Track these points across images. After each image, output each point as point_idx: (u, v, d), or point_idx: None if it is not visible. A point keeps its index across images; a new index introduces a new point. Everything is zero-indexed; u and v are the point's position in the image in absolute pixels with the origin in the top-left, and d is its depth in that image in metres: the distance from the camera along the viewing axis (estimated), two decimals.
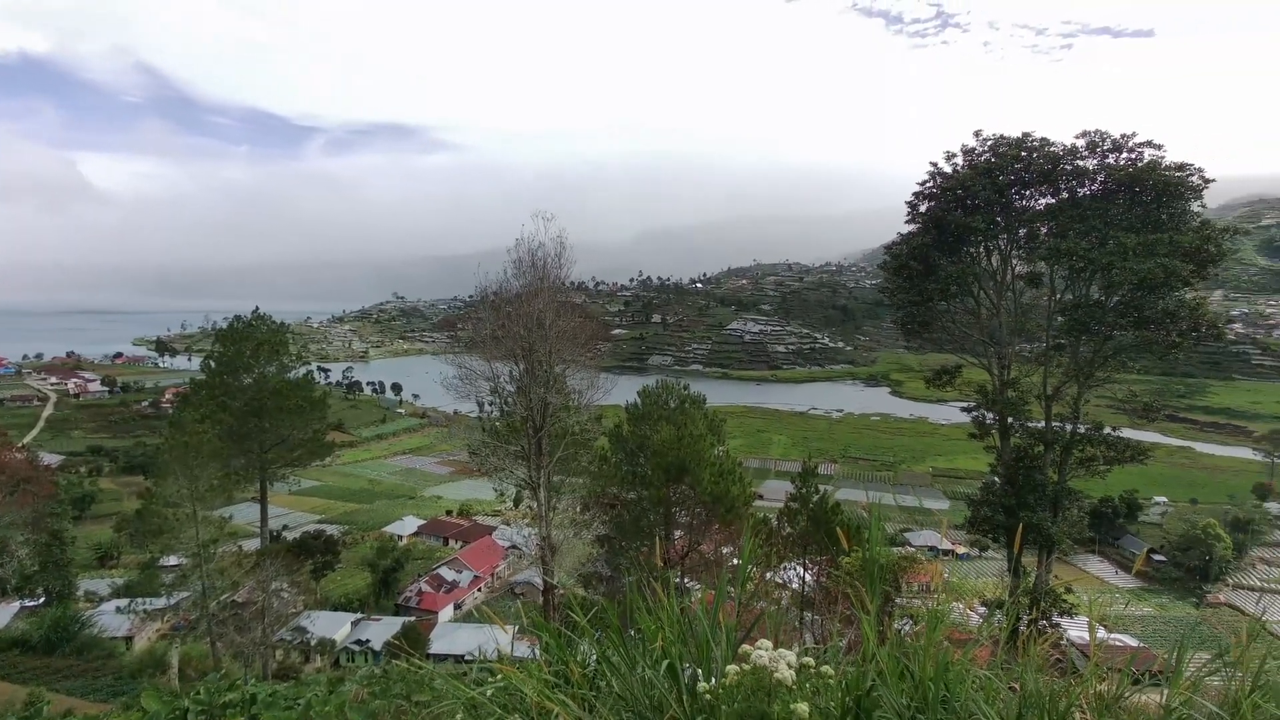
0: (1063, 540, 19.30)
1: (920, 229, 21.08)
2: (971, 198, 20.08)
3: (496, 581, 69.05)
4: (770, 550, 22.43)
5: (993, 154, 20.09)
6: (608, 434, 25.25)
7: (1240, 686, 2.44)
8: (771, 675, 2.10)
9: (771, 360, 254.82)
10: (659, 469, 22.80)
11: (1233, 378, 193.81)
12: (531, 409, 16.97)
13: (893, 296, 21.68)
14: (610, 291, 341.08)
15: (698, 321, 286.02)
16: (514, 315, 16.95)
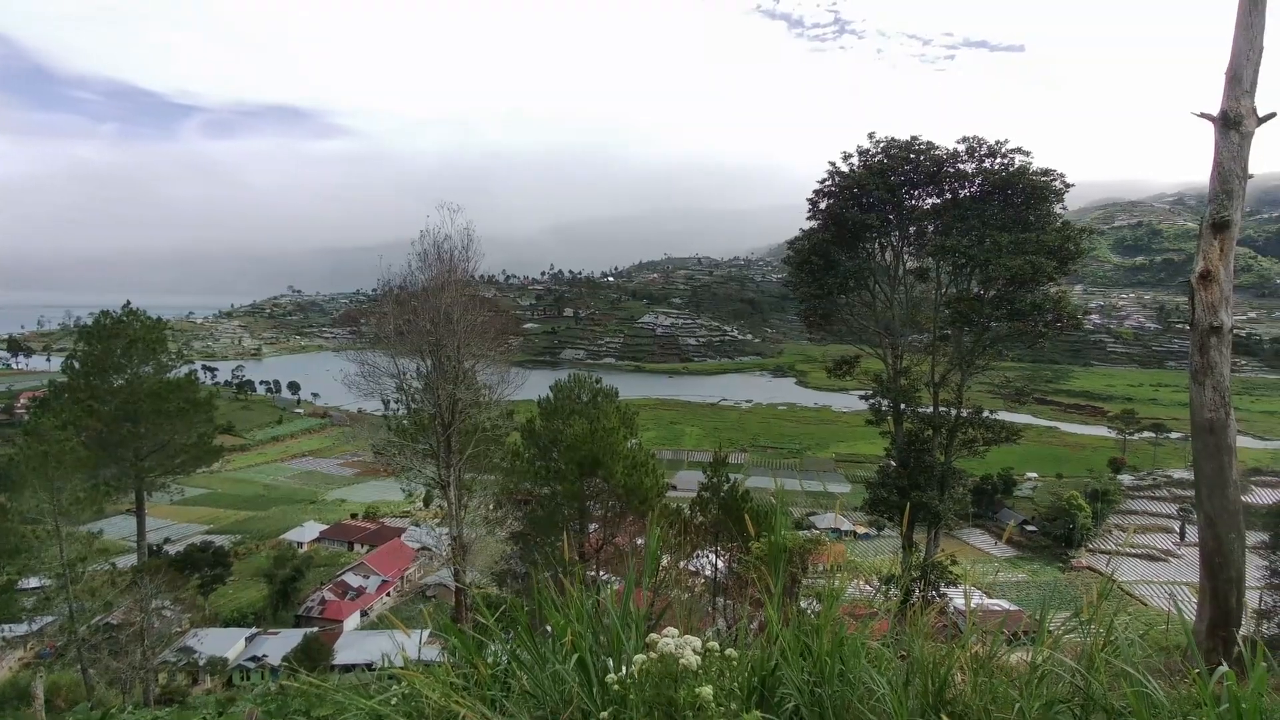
0: (949, 516, 20.88)
1: (821, 225, 22.09)
2: (867, 196, 21.28)
3: (406, 585, 66.71)
4: (683, 539, 22.87)
5: (885, 155, 21.35)
6: (520, 429, 24.92)
7: (1094, 641, 2.74)
8: (678, 662, 2.16)
9: (683, 353, 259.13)
10: (572, 463, 22.72)
11: (1091, 363, 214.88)
12: (440, 406, 16.48)
13: (796, 290, 22.64)
14: (522, 285, 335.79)
15: (610, 315, 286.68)
16: (420, 309, 16.38)
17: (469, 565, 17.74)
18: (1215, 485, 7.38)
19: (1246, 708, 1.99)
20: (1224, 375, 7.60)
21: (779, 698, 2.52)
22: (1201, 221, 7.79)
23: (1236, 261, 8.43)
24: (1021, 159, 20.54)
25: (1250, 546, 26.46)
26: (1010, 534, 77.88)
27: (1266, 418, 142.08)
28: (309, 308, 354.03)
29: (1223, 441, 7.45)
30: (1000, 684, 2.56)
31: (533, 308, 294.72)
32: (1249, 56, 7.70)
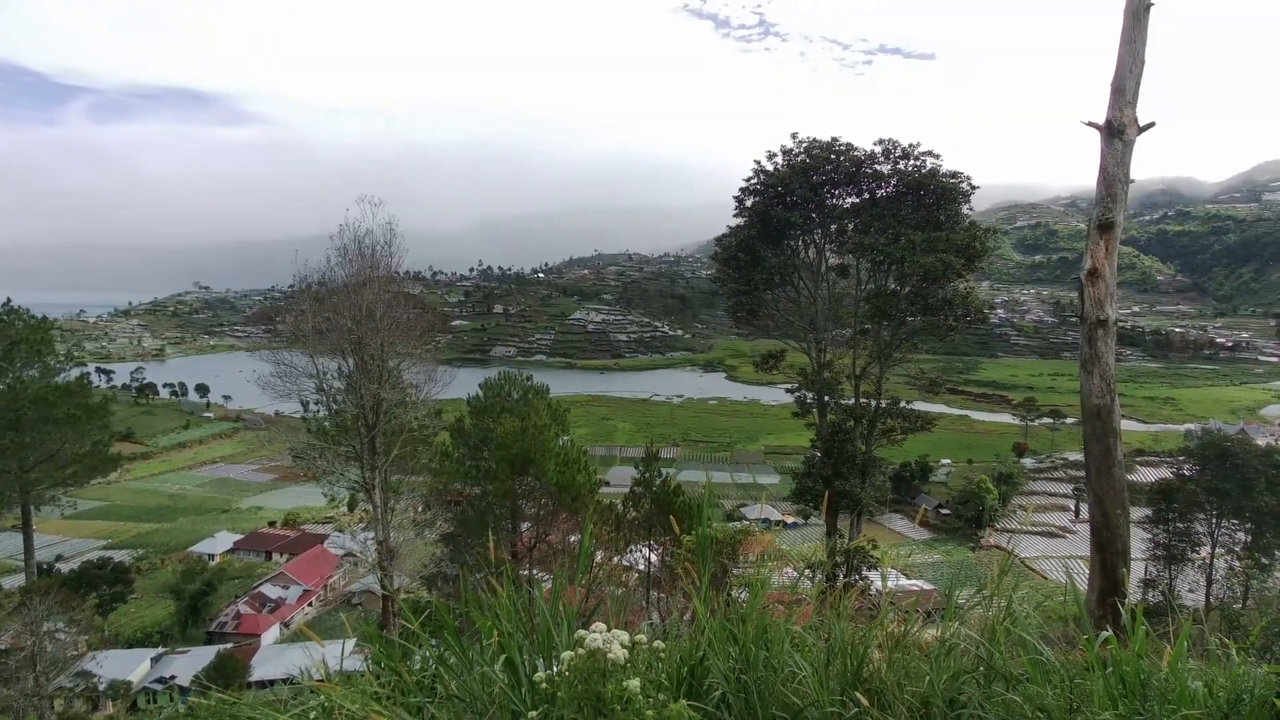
0: (870, 503, 21.85)
1: (747, 223, 22.61)
2: (790, 194, 21.94)
3: (330, 594, 64.03)
4: (617, 535, 22.94)
5: (807, 155, 22.07)
6: (449, 428, 24.40)
7: (995, 615, 2.92)
8: (605, 656, 2.17)
9: (614, 349, 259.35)
10: (503, 461, 22.40)
11: (997, 355, 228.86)
12: (363, 406, 15.88)
13: (723, 286, 23.12)
14: (450, 282, 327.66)
15: (541, 312, 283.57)
16: (341, 307, 15.72)
17: (397, 570, 17.21)
18: (1103, 466, 8.00)
19: (1127, 669, 2.19)
20: (1110, 365, 8.25)
21: (707, 686, 2.57)
22: (1089, 223, 8.44)
23: (1121, 260, 9.16)
24: (932, 161, 21.67)
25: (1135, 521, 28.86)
26: (923, 516, 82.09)
27: (1149, 403, 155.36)
28: (218, 305, 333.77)
29: (1109, 425, 8.09)
30: (912, 659, 2.69)
31: (461, 305, 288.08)
32: (1131, 70, 8.36)
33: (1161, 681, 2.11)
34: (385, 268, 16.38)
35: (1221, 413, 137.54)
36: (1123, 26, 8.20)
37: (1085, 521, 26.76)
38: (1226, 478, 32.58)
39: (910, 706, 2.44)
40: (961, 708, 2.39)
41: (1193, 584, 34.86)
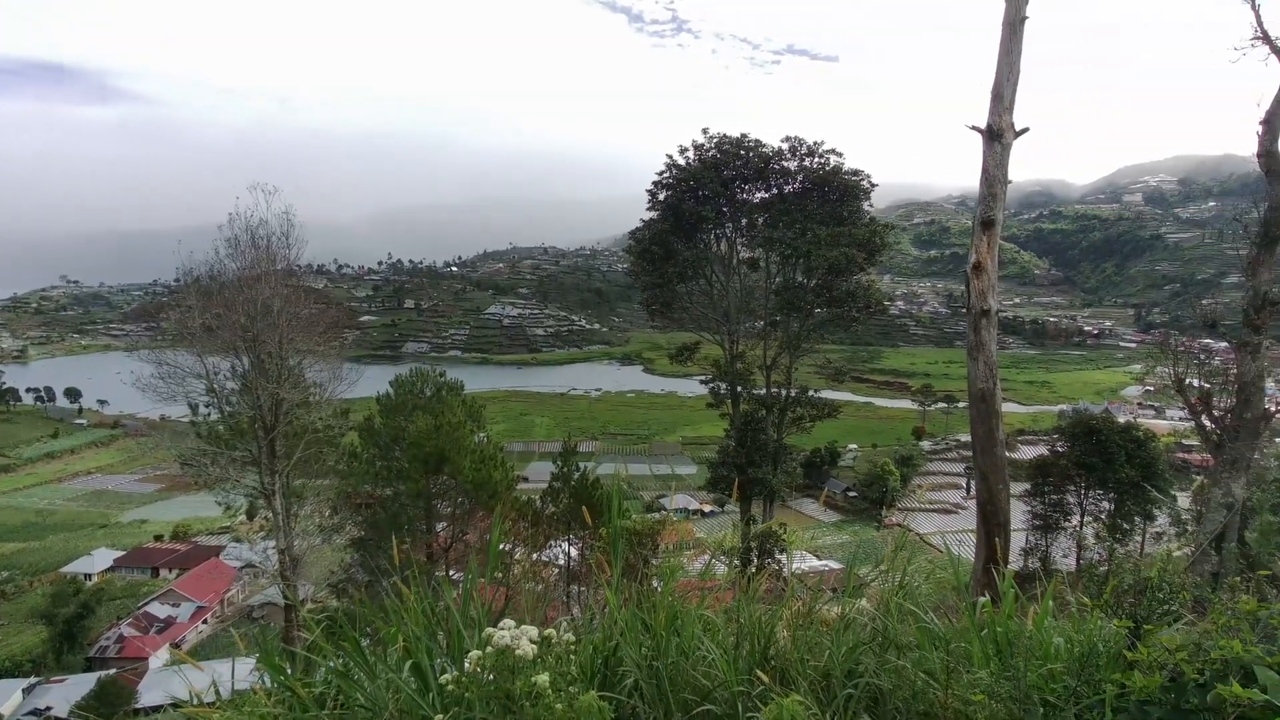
0: (781, 489, 22.69)
1: (660, 216, 22.87)
2: (702, 188, 22.36)
3: (229, 608, 60.04)
4: (535, 531, 22.74)
5: (718, 150, 22.56)
6: (357, 428, 23.40)
7: (888, 589, 3.10)
8: (513, 653, 2.15)
9: (531, 343, 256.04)
10: (416, 460, 21.72)
11: (897, 344, 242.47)
12: (260, 407, 14.94)
13: (638, 279, 23.31)
14: (356, 275, 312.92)
15: (454, 306, 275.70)
16: (234, 302, 14.71)
17: (302, 579, 16.36)
18: (987, 445, 8.65)
19: (1000, 630, 2.39)
20: (992, 352, 8.91)
21: (620, 676, 2.59)
22: (974, 220, 9.06)
23: (1002, 255, 9.90)
24: (835, 159, 22.66)
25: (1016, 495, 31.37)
26: (826, 498, 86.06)
27: (1028, 386, 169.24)
28: (90, 301, 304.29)
29: (992, 408, 8.75)
30: (816, 635, 2.82)
31: (370, 299, 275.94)
32: (1008, 78, 9.03)
33: (1027, 639, 2.31)
34: (283, 260, 15.46)
35: (1089, 394, 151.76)
36: (1000, 38, 8.85)
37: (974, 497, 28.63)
38: (1093, 453, 35.85)
39: (812, 680, 2.54)
40: (859, 677, 2.51)
41: (1066, 550, 38.24)
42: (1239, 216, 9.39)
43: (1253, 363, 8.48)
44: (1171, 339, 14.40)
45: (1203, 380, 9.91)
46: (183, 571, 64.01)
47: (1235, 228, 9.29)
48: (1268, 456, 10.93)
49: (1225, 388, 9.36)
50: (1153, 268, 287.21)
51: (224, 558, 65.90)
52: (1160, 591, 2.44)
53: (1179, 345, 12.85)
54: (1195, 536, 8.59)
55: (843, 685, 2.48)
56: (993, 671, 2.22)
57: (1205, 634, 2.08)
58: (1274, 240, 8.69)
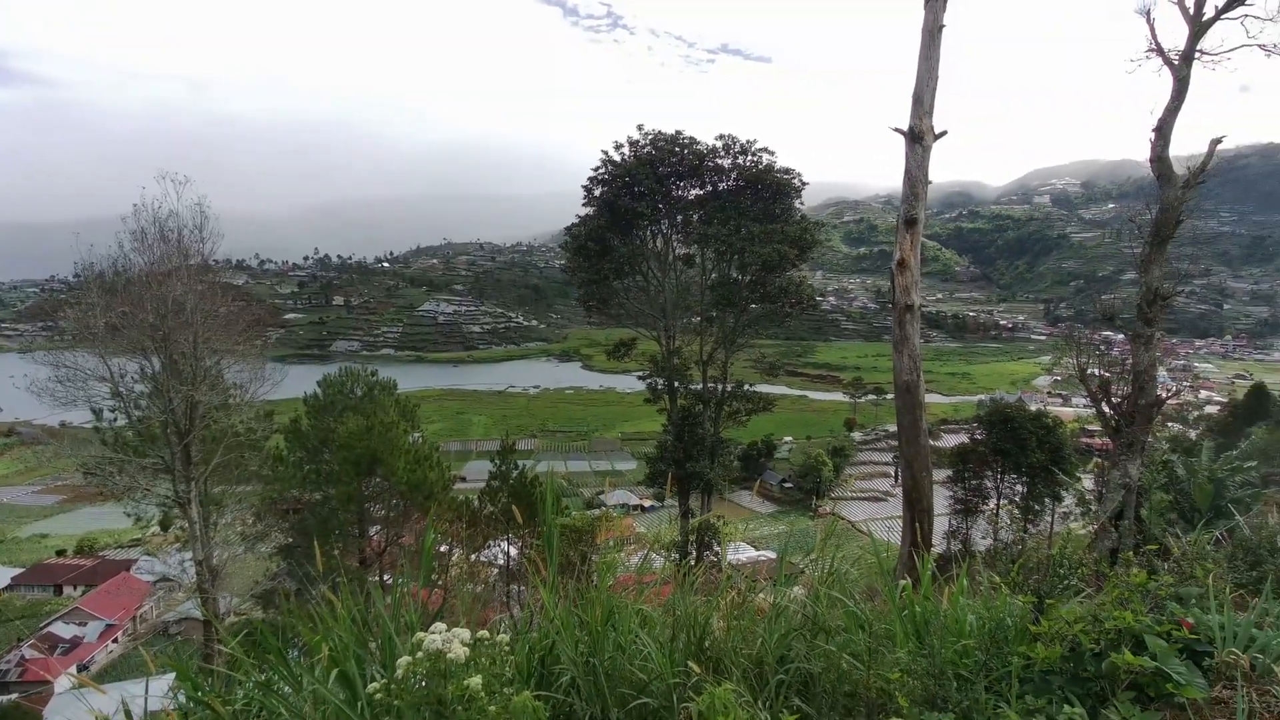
0: (719, 482, 23.09)
1: (596, 212, 22.82)
2: (637, 185, 22.43)
3: (142, 626, 56.44)
4: (473, 531, 22.34)
5: (653, 147, 22.67)
6: (283, 431, 22.43)
7: (817, 576, 3.20)
8: (444, 657, 2.11)
9: (467, 341, 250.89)
10: (347, 463, 20.98)
11: (829, 339, 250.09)
12: (173, 411, 14.08)
13: (574, 275, 23.20)
14: (280, 271, 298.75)
15: (386, 303, 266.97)
16: (141, 299, 13.79)
17: (222, 591, 15.54)
18: (911, 434, 9.06)
19: (918, 611, 2.51)
20: (916, 345, 9.33)
21: (557, 674, 2.58)
22: (898, 219, 9.44)
23: (925, 253, 10.34)
24: (768, 158, 23.16)
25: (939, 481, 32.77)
26: (759, 489, 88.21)
27: (950, 378, 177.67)
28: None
29: (916, 399, 9.16)
30: (750, 624, 2.88)
31: (295, 296, 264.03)
32: (928, 83, 9.43)
33: (943, 618, 2.44)
34: (197, 254, 14.60)
35: (1005, 384, 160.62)
36: (920, 45, 9.24)
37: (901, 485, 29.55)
38: (1007, 439, 38.11)
39: (745, 668, 2.59)
40: (790, 663, 2.58)
41: (985, 532, 40.48)
42: (1134, 218, 10.11)
43: (1145, 352, 9.16)
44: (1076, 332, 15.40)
45: (1103, 369, 10.63)
46: (89, 588, 59.66)
47: (1131, 228, 10.00)
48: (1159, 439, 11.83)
49: (1122, 376, 10.05)
50: (1060, 265, 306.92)
51: (135, 572, 61.86)
52: (1060, 568, 2.62)
53: (1082, 337, 13.76)
54: (1096, 515, 9.24)
55: (774, 671, 2.54)
56: (910, 651, 2.33)
57: (1101, 606, 2.24)
58: (1164, 239, 9.41)
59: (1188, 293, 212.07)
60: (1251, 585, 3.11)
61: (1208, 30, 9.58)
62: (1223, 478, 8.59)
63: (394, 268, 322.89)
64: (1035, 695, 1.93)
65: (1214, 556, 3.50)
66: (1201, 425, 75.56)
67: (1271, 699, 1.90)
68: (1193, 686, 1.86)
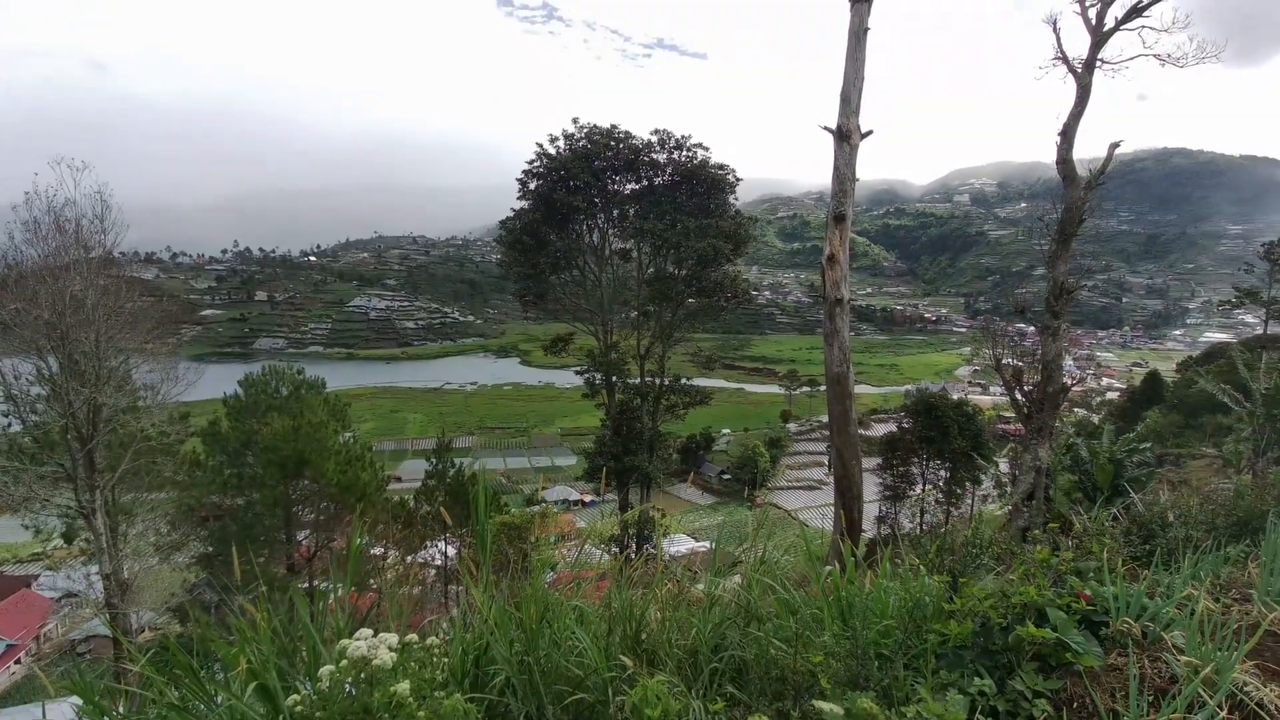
0: (658, 475, 23.29)
1: (531, 206, 22.54)
2: (573, 178, 22.27)
3: (46, 645, 52.48)
4: (409, 532, 21.81)
5: (588, 141, 22.55)
6: (200, 434, 21.27)
7: (750, 564, 3.27)
8: (370, 664, 2.04)
9: (401, 337, 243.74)
10: (273, 465, 20.09)
11: (765, 332, 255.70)
12: (74, 415, 13.11)
13: (509, 270, 22.87)
14: (196, 265, 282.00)
15: (314, 299, 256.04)
16: (35, 295, 12.76)
17: (134, 606, 14.63)
18: (841, 424, 9.36)
19: (844, 593, 2.60)
20: (846, 338, 9.63)
21: (492, 674, 2.55)
22: (827, 215, 9.71)
23: (854, 248, 10.70)
24: (703, 153, 23.41)
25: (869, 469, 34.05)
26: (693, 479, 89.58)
27: (880, 369, 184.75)
28: None
29: (846, 389, 9.46)
30: (685, 615, 2.91)
31: (213, 291, 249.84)
32: (854, 83, 9.71)
33: (866, 600, 2.54)
34: (98, 247, 13.61)
35: (930, 374, 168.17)
36: (847, 46, 9.50)
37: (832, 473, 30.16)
38: (932, 427, 40.08)
39: (679, 659, 2.62)
40: (724, 650, 2.62)
41: (912, 516, 42.44)
42: (1042, 216, 10.73)
43: (1053, 343, 9.76)
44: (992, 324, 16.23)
45: (1016, 359, 11.25)
46: None
47: (1040, 226, 10.60)
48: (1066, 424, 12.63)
49: (1033, 365, 10.67)
50: (978, 261, 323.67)
51: (37, 588, 57.44)
52: (973, 548, 2.76)
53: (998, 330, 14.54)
54: (1010, 497, 9.79)
55: (709, 660, 2.58)
56: (835, 634, 2.41)
57: (1009, 583, 2.38)
58: (1069, 237, 10.03)
59: (1090, 287, 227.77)
60: (1144, 558, 3.36)
61: (1108, 40, 10.24)
62: (1121, 458, 9.26)
63: (322, 261, 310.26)
64: (949, 670, 2.03)
65: (1111, 532, 3.77)
66: (1104, 410, 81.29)
67: (1161, 664, 2.06)
68: (1090, 655, 1.99)
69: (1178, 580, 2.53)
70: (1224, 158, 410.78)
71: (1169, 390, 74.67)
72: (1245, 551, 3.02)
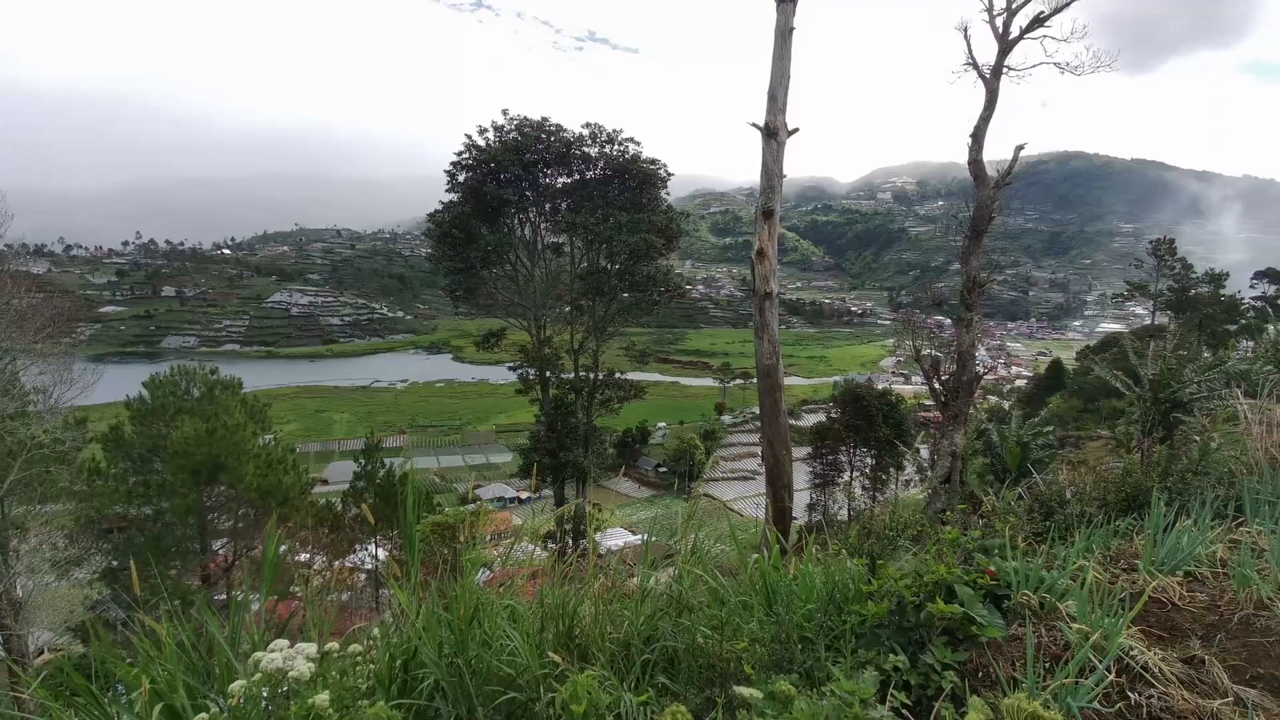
0: (593, 470, 23.30)
1: (461, 198, 22.03)
2: (503, 171, 21.90)
3: None
4: (337, 536, 21.07)
5: (519, 133, 22.20)
6: (100, 440, 19.84)
7: (681, 555, 3.31)
8: (286, 675, 1.96)
9: (326, 334, 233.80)
10: (183, 472, 18.93)
11: (699, 326, 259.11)
12: None
13: (439, 264, 22.32)
14: (93, 258, 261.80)
15: (229, 294, 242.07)
16: None
17: (30, 626, 13.54)
18: (771, 415, 9.61)
19: (769, 578, 2.68)
20: (775, 331, 9.89)
21: (421, 678, 2.50)
22: (756, 210, 9.91)
23: (783, 243, 10.98)
24: (634, 148, 23.44)
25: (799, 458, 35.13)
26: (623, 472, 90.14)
27: (809, 361, 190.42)
28: None
29: (775, 381, 9.72)
30: (618, 609, 2.92)
31: (114, 286, 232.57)
32: (781, 82, 9.95)
33: (789, 585, 2.62)
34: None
35: (856, 366, 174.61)
36: (773, 46, 9.71)
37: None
38: (858, 416, 41.71)
39: (612, 652, 2.63)
40: (656, 642, 2.65)
41: (841, 502, 44.07)
42: (956, 214, 11.29)
43: (967, 334, 10.31)
44: (913, 317, 17.02)
45: (934, 350, 11.83)
46: None
47: (955, 223, 11.17)
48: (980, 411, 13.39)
49: (950, 356, 11.24)
50: (900, 256, 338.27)
51: None
52: (891, 531, 2.89)
53: (918, 322, 15.28)
54: (930, 481, 10.30)
55: (641, 651, 2.60)
56: (760, 620, 2.48)
57: (924, 562, 2.50)
58: (980, 234, 10.61)
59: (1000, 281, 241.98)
60: (1045, 534, 3.60)
61: (1013, 48, 10.86)
62: (1027, 441, 9.89)
63: (237, 255, 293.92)
64: (867, 648, 2.12)
65: (1015, 510, 4.02)
66: (1013, 397, 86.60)
67: (1057, 633, 2.21)
68: (993, 627, 2.13)
69: (1072, 553, 2.73)
70: (1118, 161, 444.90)
71: (1070, 377, 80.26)
72: (1132, 525, 3.27)
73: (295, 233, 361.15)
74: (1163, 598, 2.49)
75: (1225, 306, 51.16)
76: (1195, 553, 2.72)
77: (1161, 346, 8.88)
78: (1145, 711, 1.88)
